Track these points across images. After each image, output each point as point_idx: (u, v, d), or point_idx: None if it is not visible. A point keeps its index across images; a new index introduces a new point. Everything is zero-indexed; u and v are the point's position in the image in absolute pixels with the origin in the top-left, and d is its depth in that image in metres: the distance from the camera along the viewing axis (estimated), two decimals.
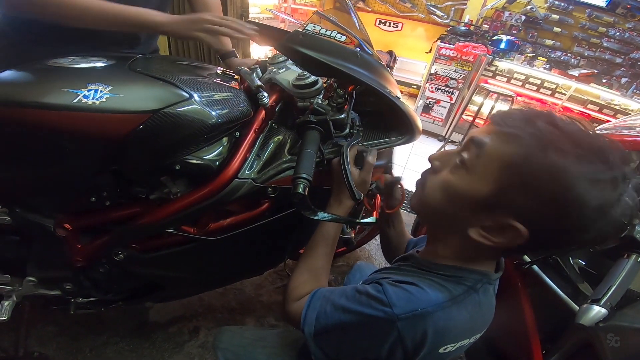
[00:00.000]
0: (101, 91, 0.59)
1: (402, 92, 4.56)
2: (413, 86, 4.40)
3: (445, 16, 4.11)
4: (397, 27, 4.49)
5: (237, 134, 0.74)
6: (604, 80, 3.16)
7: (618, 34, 3.39)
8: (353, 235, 1.36)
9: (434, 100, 3.31)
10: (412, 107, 3.50)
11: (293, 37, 0.63)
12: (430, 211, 0.52)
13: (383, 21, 4.51)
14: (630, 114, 2.68)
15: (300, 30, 0.66)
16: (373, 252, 1.72)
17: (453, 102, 3.21)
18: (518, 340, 0.97)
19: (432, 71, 3.18)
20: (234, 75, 0.83)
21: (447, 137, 3.30)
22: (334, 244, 0.69)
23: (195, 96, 0.64)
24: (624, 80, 3.23)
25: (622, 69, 3.44)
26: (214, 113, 0.65)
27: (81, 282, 0.82)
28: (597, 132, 0.39)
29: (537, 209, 0.39)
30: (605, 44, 3.47)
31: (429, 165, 0.53)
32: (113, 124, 0.60)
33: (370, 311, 0.46)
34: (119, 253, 0.76)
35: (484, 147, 0.43)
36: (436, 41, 3.29)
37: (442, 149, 3.18)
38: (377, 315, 0.45)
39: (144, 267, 0.81)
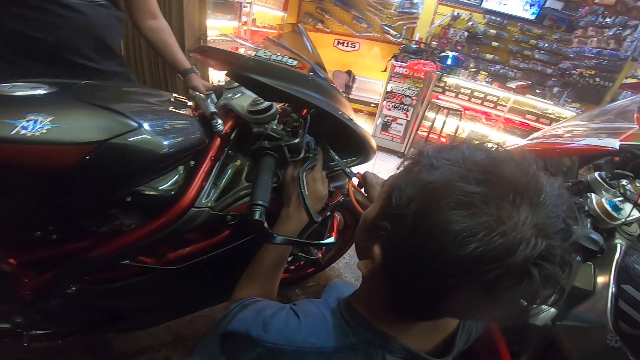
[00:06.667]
0: (41, 122, 0.55)
1: (362, 111, 4.77)
2: (372, 105, 4.57)
3: (398, 35, 4.39)
4: (355, 47, 4.71)
5: (192, 162, 0.73)
6: (538, 91, 3.51)
7: (547, 45, 3.80)
8: (320, 255, 1.37)
9: (391, 118, 3.45)
10: (372, 125, 3.66)
11: (244, 63, 0.64)
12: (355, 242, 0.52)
13: (341, 42, 4.72)
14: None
15: (251, 56, 0.68)
16: (342, 270, 1.73)
17: (409, 118, 3.37)
18: (486, 342, 0.99)
19: (388, 89, 3.33)
20: (187, 102, 0.82)
21: (406, 153, 3.44)
22: (279, 252, 0.69)
23: (145, 125, 0.63)
24: (556, 90, 3.60)
25: (553, 79, 3.85)
26: (165, 142, 0.64)
27: (32, 315, 0.77)
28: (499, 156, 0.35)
29: (394, 233, 0.36)
30: (536, 56, 3.88)
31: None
32: (55, 156, 0.57)
33: (253, 328, 0.45)
34: (71, 286, 0.72)
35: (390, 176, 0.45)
36: (390, 60, 3.47)
37: (402, 166, 3.27)
38: (252, 333, 0.44)
39: (100, 298, 0.78)
